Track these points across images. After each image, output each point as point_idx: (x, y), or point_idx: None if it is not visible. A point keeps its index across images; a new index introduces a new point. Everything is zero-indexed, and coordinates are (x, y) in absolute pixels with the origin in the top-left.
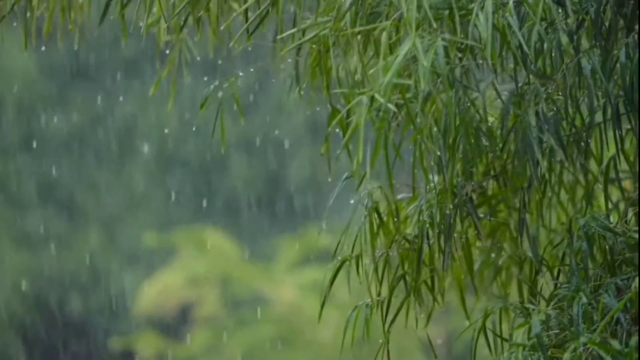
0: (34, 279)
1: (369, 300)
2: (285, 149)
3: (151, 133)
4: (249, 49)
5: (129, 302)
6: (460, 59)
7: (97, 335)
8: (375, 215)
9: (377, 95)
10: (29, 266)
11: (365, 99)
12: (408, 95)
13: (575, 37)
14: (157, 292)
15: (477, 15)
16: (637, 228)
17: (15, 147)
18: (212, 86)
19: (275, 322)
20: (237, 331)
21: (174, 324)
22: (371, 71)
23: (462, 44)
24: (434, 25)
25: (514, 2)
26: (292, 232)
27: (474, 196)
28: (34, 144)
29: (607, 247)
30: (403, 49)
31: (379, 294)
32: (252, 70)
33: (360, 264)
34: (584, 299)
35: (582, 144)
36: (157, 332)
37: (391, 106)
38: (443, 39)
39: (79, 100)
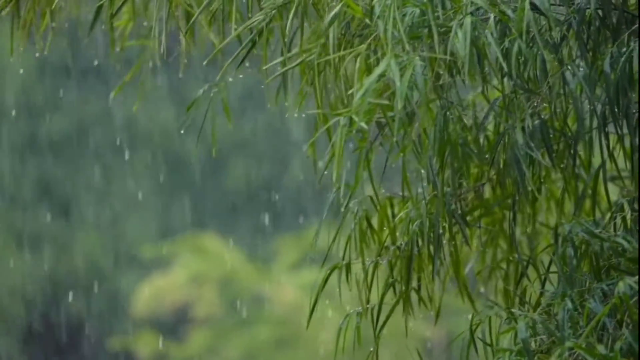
0: (33, 280)
1: (361, 307)
2: (284, 151)
3: (150, 136)
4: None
5: (128, 302)
6: (441, 76)
7: (96, 336)
8: (366, 223)
9: (354, 116)
10: (28, 267)
11: (343, 119)
12: (391, 114)
13: (559, 49)
14: (156, 292)
15: (456, 33)
16: (621, 233)
17: (14, 148)
18: (201, 91)
19: (274, 323)
20: (237, 332)
21: (173, 325)
22: (349, 92)
23: (443, 60)
24: (407, 47)
25: (495, 17)
26: (292, 233)
27: (464, 203)
28: (33, 146)
29: (593, 252)
30: (378, 69)
31: (368, 301)
32: (240, 76)
33: (350, 271)
34: (570, 305)
35: (572, 152)
36: (156, 333)
37: (364, 125)
38: (421, 58)
39: (77, 102)
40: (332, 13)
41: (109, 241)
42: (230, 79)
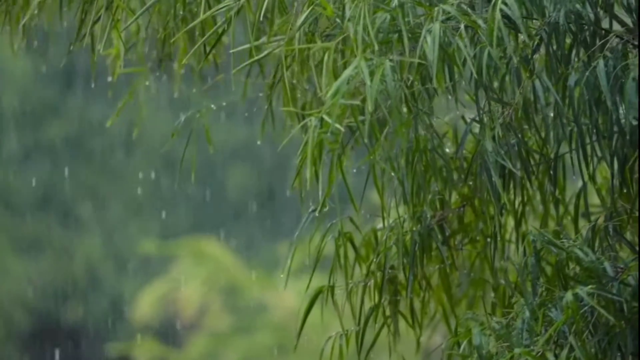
0: (34, 285)
1: (346, 329)
2: (284, 155)
3: (150, 141)
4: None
5: (128, 309)
6: (412, 83)
7: (96, 342)
8: (350, 245)
9: (325, 117)
10: (28, 273)
11: (314, 120)
12: (362, 117)
13: (531, 62)
14: (155, 299)
15: (425, 38)
16: (578, 243)
17: (15, 154)
18: (182, 118)
19: (274, 329)
20: (237, 338)
21: (173, 331)
22: (320, 93)
23: (412, 67)
24: (376, 47)
25: (465, 26)
26: (293, 239)
27: (444, 225)
28: (33, 151)
29: (560, 262)
30: (348, 70)
31: (359, 322)
32: (224, 104)
33: (333, 294)
34: (527, 313)
35: (551, 172)
36: (156, 339)
37: (339, 127)
38: (391, 60)
39: (78, 107)
40: (304, 16)
41: (109, 247)
42: (213, 106)
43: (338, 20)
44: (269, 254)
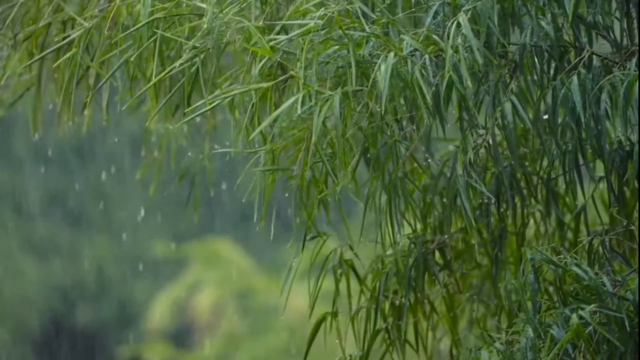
0: (45, 288)
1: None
2: None
3: (160, 143)
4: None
5: (140, 311)
6: (372, 113)
7: (107, 345)
8: (351, 272)
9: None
10: (39, 276)
11: (262, 155)
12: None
13: (510, 84)
14: (167, 301)
15: (379, 67)
16: (571, 260)
17: (23, 157)
18: (186, 157)
19: (285, 331)
20: (248, 340)
21: (184, 333)
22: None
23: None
24: (316, 84)
25: (431, 55)
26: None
27: (445, 248)
28: (42, 154)
29: (559, 279)
30: (286, 104)
31: (362, 348)
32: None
33: (337, 320)
34: (530, 332)
35: (546, 192)
36: (167, 342)
37: (267, 160)
38: (344, 93)
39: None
40: (258, 66)
41: (120, 250)
42: (217, 146)
43: (280, 60)
44: (280, 256)
